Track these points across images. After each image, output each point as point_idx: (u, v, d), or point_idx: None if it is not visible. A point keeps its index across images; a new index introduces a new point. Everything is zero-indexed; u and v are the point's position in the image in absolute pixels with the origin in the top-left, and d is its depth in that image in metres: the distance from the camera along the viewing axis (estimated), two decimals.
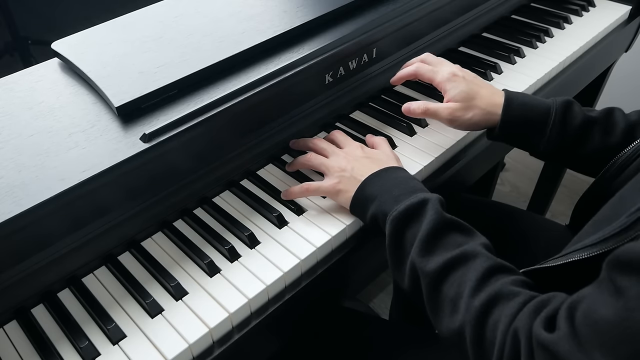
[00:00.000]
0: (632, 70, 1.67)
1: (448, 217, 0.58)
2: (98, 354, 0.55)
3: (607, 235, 0.48)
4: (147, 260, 0.64)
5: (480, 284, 0.52)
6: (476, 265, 0.53)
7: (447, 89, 0.74)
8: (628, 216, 0.47)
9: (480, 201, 0.96)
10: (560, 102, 0.71)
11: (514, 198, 1.87)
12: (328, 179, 0.69)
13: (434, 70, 0.76)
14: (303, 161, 0.73)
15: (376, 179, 0.65)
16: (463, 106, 0.72)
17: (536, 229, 0.88)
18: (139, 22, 0.73)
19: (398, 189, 0.62)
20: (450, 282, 0.54)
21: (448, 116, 0.73)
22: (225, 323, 0.58)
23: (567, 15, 1.09)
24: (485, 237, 0.58)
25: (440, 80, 0.75)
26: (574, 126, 0.70)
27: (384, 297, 1.56)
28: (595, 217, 0.57)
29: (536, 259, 0.82)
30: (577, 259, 0.50)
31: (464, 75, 0.75)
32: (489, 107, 0.72)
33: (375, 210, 0.63)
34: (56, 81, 0.67)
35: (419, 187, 0.63)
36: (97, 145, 0.59)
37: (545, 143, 0.71)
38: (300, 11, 0.77)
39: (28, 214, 0.53)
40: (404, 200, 0.60)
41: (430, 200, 0.59)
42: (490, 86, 0.75)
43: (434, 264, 0.55)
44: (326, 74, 0.77)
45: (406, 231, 0.59)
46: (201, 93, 0.66)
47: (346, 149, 0.72)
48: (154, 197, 0.64)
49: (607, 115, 0.72)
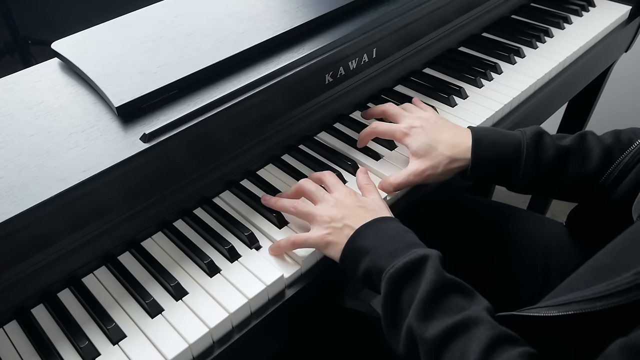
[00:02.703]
0: (632, 70, 1.67)
1: (449, 278, 0.54)
2: (98, 354, 0.55)
3: (612, 290, 0.44)
4: (147, 260, 0.64)
5: (485, 357, 0.48)
6: (480, 335, 0.49)
7: (406, 143, 0.73)
8: (635, 274, 0.43)
9: (480, 201, 0.96)
10: (530, 135, 0.69)
11: (514, 198, 1.86)
12: (317, 230, 0.63)
13: (391, 126, 0.75)
14: (289, 207, 0.67)
15: (369, 230, 0.60)
16: (428, 159, 0.70)
17: (536, 228, 0.88)
18: (139, 22, 0.73)
19: (393, 243, 0.58)
20: (452, 352, 0.49)
21: (420, 178, 0.70)
22: (225, 323, 0.58)
23: (567, 15, 1.09)
24: (487, 301, 0.54)
25: (399, 136, 0.74)
26: (548, 159, 0.68)
27: None
28: (591, 262, 0.54)
29: (536, 259, 0.82)
30: (578, 312, 0.46)
31: (422, 124, 0.73)
32: (455, 154, 0.70)
33: (368, 265, 0.58)
34: (56, 81, 0.67)
35: (415, 241, 0.59)
36: (97, 145, 0.59)
37: (521, 179, 0.69)
38: (300, 11, 0.77)
39: (28, 214, 0.53)
40: (400, 255, 0.56)
41: (430, 257, 0.55)
42: (453, 128, 0.73)
43: (434, 331, 0.50)
44: (326, 74, 0.77)
45: (404, 291, 0.55)
46: (201, 93, 0.66)
47: (336, 195, 0.66)
48: (154, 197, 0.64)
49: (580, 142, 0.69)
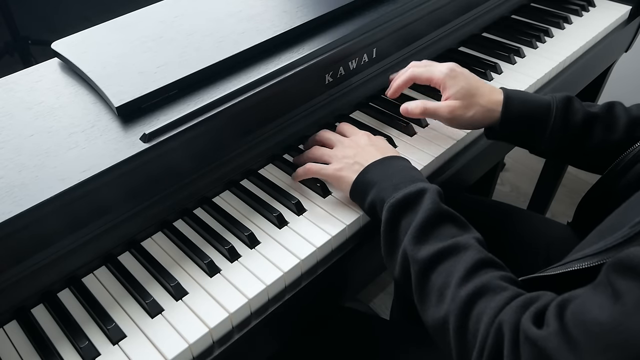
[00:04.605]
0: (632, 70, 1.67)
1: (444, 209, 0.58)
2: (98, 354, 0.55)
3: (609, 245, 0.47)
4: (147, 260, 0.64)
5: (469, 275, 0.51)
6: (466, 257, 0.53)
7: (447, 85, 0.73)
8: (631, 227, 0.46)
9: (480, 201, 0.96)
10: (560, 99, 0.70)
11: (514, 198, 1.87)
12: (331, 165, 0.69)
13: (430, 69, 0.75)
14: (308, 154, 0.73)
15: (378, 165, 0.65)
16: (463, 104, 0.71)
17: (536, 228, 0.88)
18: (139, 22, 0.73)
19: (398, 177, 0.62)
20: (439, 272, 0.53)
21: (448, 115, 0.72)
22: (225, 323, 0.58)
23: (567, 15, 1.09)
24: (479, 233, 0.58)
25: (439, 77, 0.73)
26: (575, 122, 0.70)
27: (384, 297, 1.56)
28: (599, 226, 0.56)
29: (537, 259, 0.82)
30: (577, 268, 0.49)
31: (462, 71, 0.74)
32: (489, 104, 0.71)
33: (374, 196, 0.63)
34: (56, 81, 0.67)
35: (419, 177, 0.63)
36: (97, 145, 0.59)
37: (547, 141, 0.70)
38: (300, 11, 0.77)
39: (28, 214, 0.53)
40: (402, 188, 0.60)
41: (429, 190, 0.59)
42: (488, 84, 0.74)
43: (425, 253, 0.54)
44: (326, 74, 0.77)
45: (402, 219, 0.59)
46: (201, 93, 0.66)
47: (352, 137, 0.72)
48: (154, 197, 0.64)
49: (608, 110, 0.71)
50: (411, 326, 0.80)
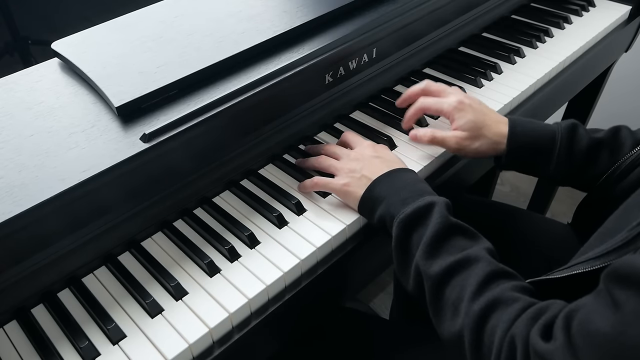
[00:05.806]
0: (632, 70, 1.67)
1: (453, 221, 0.59)
2: (98, 354, 0.55)
3: (609, 249, 0.48)
4: (147, 260, 0.64)
5: (481, 289, 0.52)
6: (478, 270, 0.54)
7: (455, 117, 0.74)
8: (629, 230, 0.47)
9: (480, 201, 0.96)
10: (565, 127, 0.71)
11: (514, 198, 1.87)
12: (338, 179, 0.69)
13: (440, 101, 0.76)
14: (314, 162, 0.73)
15: (385, 179, 0.65)
16: (470, 135, 0.72)
17: (536, 228, 0.88)
18: (139, 22, 0.73)
19: (406, 192, 0.63)
20: (453, 286, 0.54)
21: (455, 145, 0.73)
22: (225, 323, 0.58)
23: (567, 15, 1.09)
24: (489, 242, 0.58)
25: (447, 110, 0.74)
26: (581, 150, 0.70)
27: (384, 297, 1.56)
28: (600, 228, 0.57)
29: (537, 259, 0.82)
30: (580, 271, 0.51)
31: (471, 103, 0.74)
32: (495, 137, 0.72)
33: (383, 211, 0.63)
34: (56, 81, 0.67)
35: (426, 190, 0.64)
36: (97, 145, 0.59)
37: (554, 169, 0.71)
38: (300, 11, 0.77)
39: (28, 214, 0.53)
40: (411, 203, 0.60)
41: (437, 203, 0.60)
42: (495, 114, 0.74)
43: (437, 267, 0.55)
44: (326, 74, 0.77)
45: (412, 234, 0.59)
46: (201, 93, 0.66)
47: (357, 149, 0.72)
48: (154, 197, 0.64)
49: (613, 135, 0.71)
50: (411, 326, 0.80)
